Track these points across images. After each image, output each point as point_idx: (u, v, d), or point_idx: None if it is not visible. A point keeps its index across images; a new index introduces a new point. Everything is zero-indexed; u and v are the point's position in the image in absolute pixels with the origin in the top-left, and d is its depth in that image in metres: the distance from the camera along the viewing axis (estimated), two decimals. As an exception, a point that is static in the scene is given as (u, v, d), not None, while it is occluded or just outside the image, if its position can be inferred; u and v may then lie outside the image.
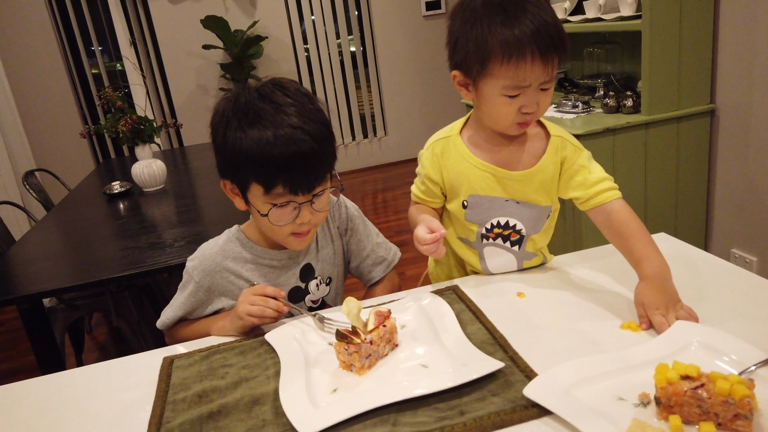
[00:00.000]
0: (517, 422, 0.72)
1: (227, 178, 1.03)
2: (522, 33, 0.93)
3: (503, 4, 0.97)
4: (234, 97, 0.98)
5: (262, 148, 0.93)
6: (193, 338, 1.07)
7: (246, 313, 0.98)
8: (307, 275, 1.14)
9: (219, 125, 0.98)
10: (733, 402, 0.63)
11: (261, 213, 0.99)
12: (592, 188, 1.04)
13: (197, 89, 4.98)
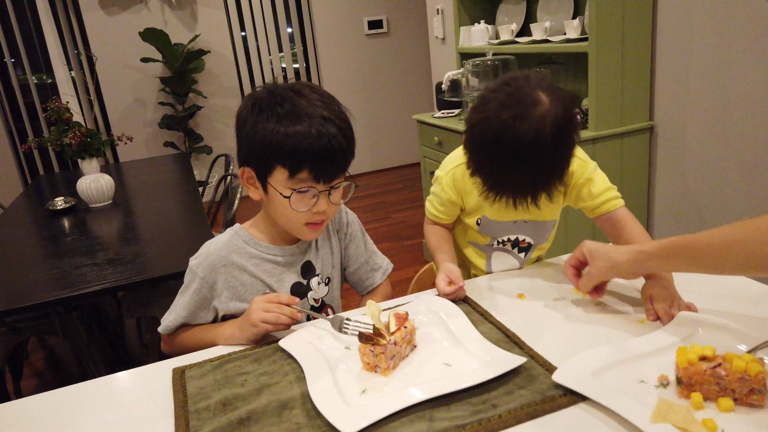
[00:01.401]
0: (549, 411, 0.76)
1: (249, 166, 1.05)
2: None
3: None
4: (268, 90, 1.03)
5: (294, 135, 0.97)
6: (195, 348, 1.05)
7: (261, 320, 0.98)
8: (308, 272, 1.15)
9: (250, 113, 1.01)
10: (748, 378, 0.70)
11: (284, 195, 1.02)
12: (597, 199, 1.13)
13: (134, 103, 4.82)
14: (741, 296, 1.01)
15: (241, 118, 1.03)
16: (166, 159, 3.72)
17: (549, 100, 0.94)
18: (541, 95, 0.95)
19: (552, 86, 0.97)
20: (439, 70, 3.85)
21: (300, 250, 1.14)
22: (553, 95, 0.95)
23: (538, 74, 1.00)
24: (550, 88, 0.97)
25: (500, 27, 2.95)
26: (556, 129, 0.93)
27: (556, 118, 0.93)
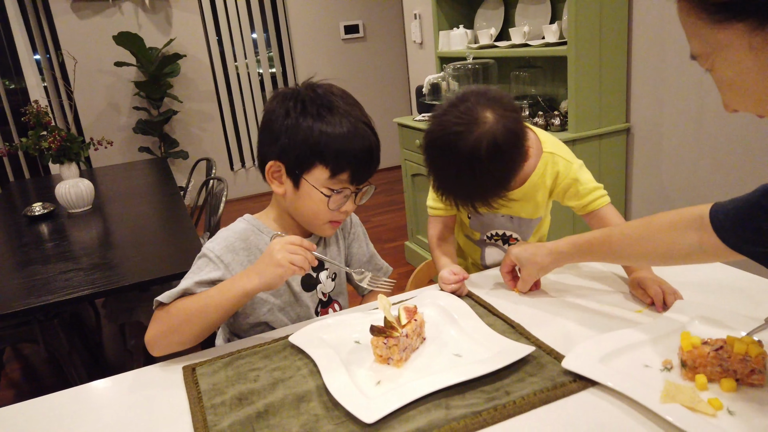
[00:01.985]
0: (560, 397, 0.79)
1: (280, 160, 1.05)
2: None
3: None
4: (307, 87, 1.05)
5: (340, 137, 1.01)
6: (195, 314, 0.96)
7: (288, 260, 0.93)
8: (318, 266, 1.17)
9: (291, 110, 1.02)
10: (749, 359, 0.74)
11: (324, 194, 1.04)
12: (584, 198, 1.19)
13: (108, 108, 4.75)
14: (718, 284, 1.06)
15: (274, 113, 1.04)
16: (143, 164, 3.68)
17: (493, 119, 1.02)
18: (486, 114, 1.03)
19: (504, 105, 1.05)
20: (417, 74, 3.89)
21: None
22: (498, 115, 1.03)
23: (493, 92, 1.08)
24: (501, 107, 1.04)
25: (479, 31, 3.00)
26: (493, 148, 1.01)
27: (494, 137, 1.01)
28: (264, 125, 1.06)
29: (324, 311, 1.18)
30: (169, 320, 0.98)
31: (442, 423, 0.75)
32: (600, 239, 0.96)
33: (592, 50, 2.37)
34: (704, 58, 0.65)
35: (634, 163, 2.57)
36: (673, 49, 2.23)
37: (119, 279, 1.72)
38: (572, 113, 2.43)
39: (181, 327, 0.97)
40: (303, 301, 1.14)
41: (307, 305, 1.15)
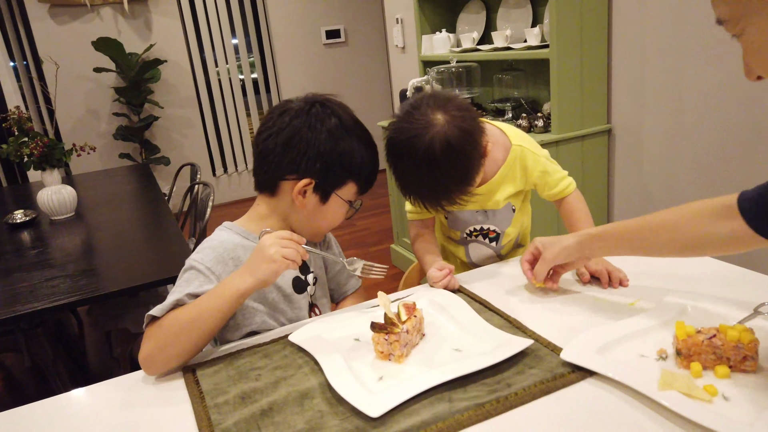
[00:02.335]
0: (560, 387, 0.80)
1: (312, 177, 1.07)
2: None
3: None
4: (335, 108, 1.11)
5: (371, 158, 1.13)
6: (190, 323, 0.94)
7: (281, 255, 0.95)
8: (305, 269, 1.18)
9: (331, 133, 1.07)
10: (742, 346, 0.76)
11: (353, 206, 1.16)
12: (554, 188, 1.27)
13: (87, 114, 4.70)
14: (708, 277, 1.09)
15: (301, 131, 1.06)
16: (125, 170, 3.65)
17: (444, 121, 1.08)
18: (438, 117, 1.08)
19: (455, 106, 1.10)
20: (400, 78, 3.92)
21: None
22: (450, 116, 1.08)
23: (444, 95, 1.13)
24: (453, 108, 1.10)
25: (461, 35, 3.04)
26: (447, 148, 1.06)
27: (446, 138, 1.06)
28: (290, 142, 1.06)
29: (310, 313, 1.19)
30: (164, 334, 0.94)
31: (446, 415, 0.76)
32: (631, 227, 0.96)
33: (574, 53, 2.41)
34: (733, 23, 0.65)
35: (615, 163, 2.62)
36: (652, 51, 2.28)
37: (105, 286, 1.70)
38: (555, 115, 2.47)
39: (178, 338, 0.94)
40: (296, 303, 1.14)
41: (300, 307, 1.15)
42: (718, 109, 2.08)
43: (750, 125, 1.99)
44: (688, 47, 2.14)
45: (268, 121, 1.10)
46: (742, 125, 2.02)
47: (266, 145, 1.08)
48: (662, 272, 1.12)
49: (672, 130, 2.29)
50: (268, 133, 1.09)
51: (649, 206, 2.48)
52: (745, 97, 1.98)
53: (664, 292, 1.01)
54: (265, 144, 1.09)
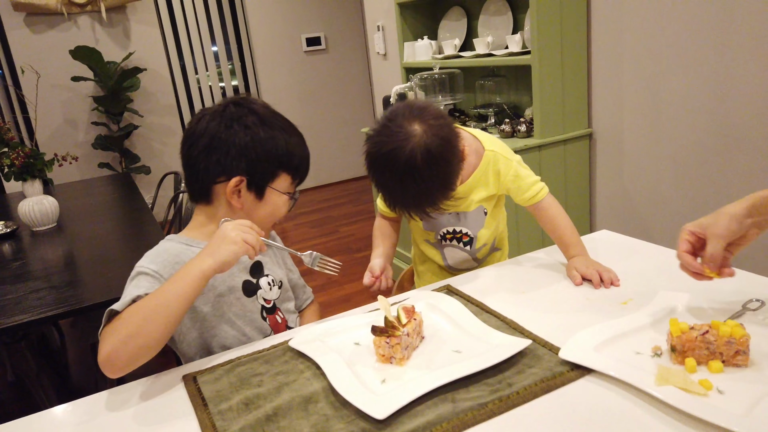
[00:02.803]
0: (560, 385, 0.82)
1: (245, 174, 1.08)
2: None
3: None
4: (250, 105, 1.09)
5: (297, 145, 1.13)
6: (157, 303, 0.91)
7: (242, 238, 0.96)
8: (257, 272, 1.18)
9: (248, 128, 1.07)
10: (734, 341, 0.79)
11: (292, 197, 1.16)
12: (526, 193, 1.29)
13: (65, 123, 4.63)
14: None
15: (221, 131, 1.06)
16: (106, 180, 3.60)
17: (422, 131, 1.09)
18: (415, 127, 1.10)
19: (431, 114, 1.13)
20: (382, 85, 3.94)
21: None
22: (427, 125, 1.10)
23: (419, 105, 1.16)
24: (429, 116, 1.12)
25: (443, 42, 3.07)
26: (428, 156, 1.08)
27: (426, 147, 1.08)
28: (210, 145, 1.06)
29: (270, 316, 1.18)
30: (126, 325, 0.89)
31: (450, 416, 0.77)
32: None
33: (555, 59, 2.46)
34: None
35: (597, 167, 2.67)
36: (631, 56, 2.33)
37: (91, 297, 1.68)
38: (537, 120, 2.51)
39: (143, 328, 0.89)
40: (246, 306, 1.14)
41: (251, 310, 1.14)
42: (694, 112, 2.14)
43: (725, 127, 2.05)
44: (664, 53, 2.20)
45: (187, 131, 1.11)
46: (717, 127, 2.07)
47: (190, 153, 1.09)
48: (651, 271, 1.15)
49: (650, 133, 2.35)
50: (189, 142, 1.09)
51: (630, 207, 2.53)
52: (719, 100, 2.04)
53: (654, 290, 1.04)
54: (188, 153, 1.09)
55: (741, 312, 0.91)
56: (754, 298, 0.95)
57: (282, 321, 1.20)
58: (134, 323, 0.89)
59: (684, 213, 2.28)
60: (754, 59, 1.90)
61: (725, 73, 2.00)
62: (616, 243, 1.35)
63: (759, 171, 1.97)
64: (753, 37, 1.88)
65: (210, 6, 4.97)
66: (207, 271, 0.94)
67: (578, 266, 1.16)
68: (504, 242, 1.47)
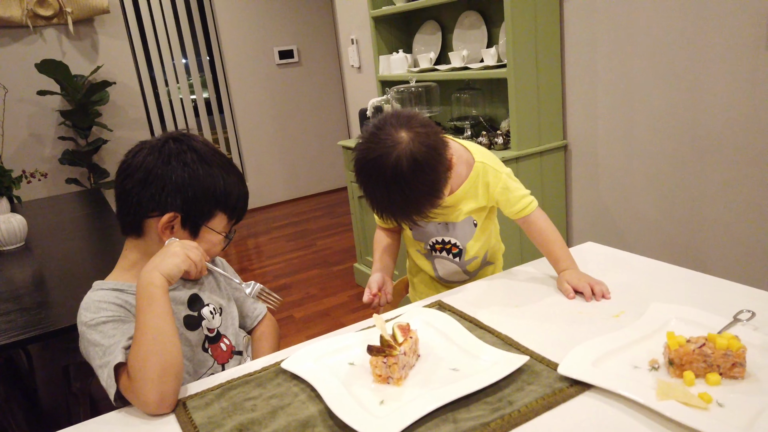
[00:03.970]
0: (561, 402, 0.82)
1: (177, 211, 1.06)
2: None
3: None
4: (190, 142, 1.09)
5: (236, 185, 1.12)
6: (153, 332, 0.92)
7: (185, 253, 0.98)
8: (196, 304, 1.15)
9: (187, 165, 1.06)
10: (731, 353, 0.80)
11: (227, 236, 1.15)
12: (515, 206, 1.29)
13: (31, 138, 4.50)
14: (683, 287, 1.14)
15: (158, 167, 1.04)
16: (74, 196, 3.51)
17: (409, 138, 1.11)
18: (402, 135, 1.11)
19: (417, 122, 1.14)
20: (356, 98, 3.94)
21: (178, 282, 1.12)
22: (414, 133, 1.11)
23: (406, 114, 1.17)
24: (416, 125, 1.13)
25: (418, 56, 3.09)
26: (413, 163, 1.09)
27: (412, 155, 1.09)
28: (146, 179, 1.04)
29: (213, 346, 1.15)
30: (148, 366, 0.90)
31: (453, 437, 0.76)
32: None
33: (530, 72, 2.49)
34: None
35: (573, 178, 2.70)
36: (604, 69, 2.38)
37: (64, 318, 1.62)
38: (514, 132, 2.54)
39: (164, 357, 0.91)
40: (190, 340, 1.11)
41: (194, 344, 1.11)
42: (666, 123, 2.19)
43: (696, 138, 2.10)
44: (636, 66, 2.24)
45: (123, 163, 1.08)
46: (688, 138, 2.12)
47: (124, 186, 1.06)
48: (641, 283, 1.16)
49: (624, 143, 2.39)
50: (124, 174, 1.07)
51: (606, 217, 2.57)
52: (690, 112, 2.09)
53: (645, 302, 1.05)
54: (122, 186, 1.07)
55: (732, 323, 0.92)
56: (745, 309, 0.96)
57: (228, 347, 1.16)
58: (155, 360, 0.90)
59: (658, 222, 2.33)
60: (724, 71, 1.95)
61: (695, 85, 2.06)
62: (603, 255, 1.36)
63: (730, 180, 2.02)
64: (722, 50, 1.94)
65: (180, 18, 4.91)
66: (161, 284, 0.96)
67: (569, 279, 1.17)
68: (497, 257, 1.47)
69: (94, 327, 0.98)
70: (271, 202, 5.45)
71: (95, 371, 0.97)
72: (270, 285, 3.56)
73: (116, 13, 4.60)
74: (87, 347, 0.99)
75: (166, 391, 0.90)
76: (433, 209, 1.18)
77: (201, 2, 4.96)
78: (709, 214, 2.14)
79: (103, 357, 0.94)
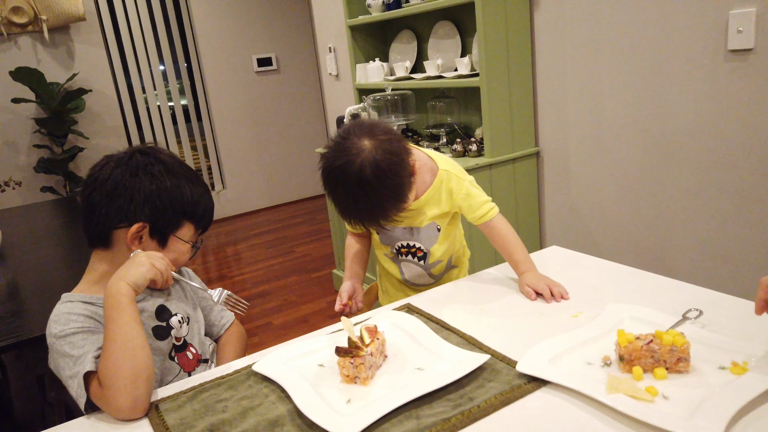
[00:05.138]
0: (519, 398, 0.86)
1: (144, 220, 1.09)
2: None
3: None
4: (156, 154, 1.13)
5: (202, 195, 1.16)
6: (121, 339, 0.94)
7: (150, 263, 1.02)
8: (163, 314, 1.16)
9: (154, 176, 1.10)
10: (676, 349, 0.85)
11: (194, 246, 1.19)
12: (477, 211, 1.34)
13: (4, 146, 4.46)
14: (634, 287, 1.20)
15: (126, 179, 1.08)
16: (49, 205, 3.48)
17: (371, 146, 1.16)
18: (365, 143, 1.16)
19: (380, 131, 1.20)
20: (334, 105, 3.98)
21: (142, 296, 1.14)
22: (376, 140, 1.17)
23: (369, 123, 1.23)
24: (379, 132, 1.19)
25: (394, 64, 3.14)
26: (376, 169, 1.15)
27: (375, 162, 1.15)
28: (114, 192, 1.07)
29: (180, 355, 1.17)
30: (119, 373, 0.92)
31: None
32: None
33: (501, 81, 2.55)
34: None
35: (545, 184, 2.77)
36: (573, 78, 2.45)
37: (38, 326, 1.62)
38: (487, 140, 2.60)
39: (135, 363, 0.93)
40: (160, 349, 1.13)
41: (164, 353, 1.14)
42: (633, 130, 2.27)
43: (660, 145, 2.17)
44: (603, 76, 2.32)
45: (89, 177, 1.11)
46: (653, 145, 2.20)
47: (91, 199, 1.09)
48: (599, 284, 1.22)
49: (593, 149, 2.46)
50: (91, 187, 1.09)
51: (577, 222, 2.64)
52: (654, 119, 2.17)
53: (602, 303, 1.10)
54: (90, 199, 1.09)
55: (681, 321, 0.97)
56: (693, 307, 1.02)
57: (194, 356, 1.19)
58: (127, 366, 0.92)
59: (627, 226, 2.40)
60: (685, 80, 2.03)
61: (659, 93, 2.13)
62: (565, 258, 1.41)
63: (692, 185, 2.09)
64: (683, 60, 2.02)
65: (157, 25, 4.91)
66: (128, 293, 0.98)
67: (530, 281, 1.22)
68: (461, 261, 1.51)
69: (63, 338, 0.99)
70: (250, 209, 5.45)
71: (64, 382, 0.98)
72: (249, 292, 3.58)
73: (92, 20, 4.59)
74: (57, 359, 1.00)
75: (138, 396, 0.92)
76: (399, 213, 1.23)
77: (178, 10, 4.97)
78: (672, 217, 2.21)
79: (73, 367, 0.96)
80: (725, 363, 0.86)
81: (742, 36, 1.87)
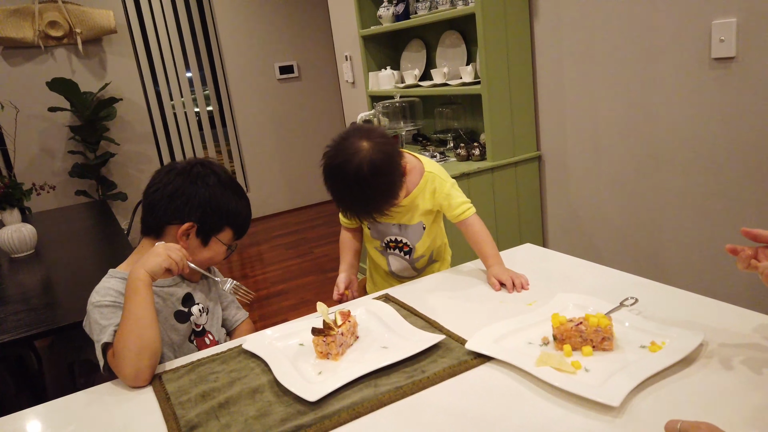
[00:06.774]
0: (464, 370, 1.00)
1: (194, 221, 1.28)
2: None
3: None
4: (212, 168, 1.33)
5: (245, 208, 1.36)
6: (135, 317, 1.10)
7: (167, 254, 1.15)
8: (188, 302, 1.35)
9: (210, 185, 1.29)
10: (601, 330, 0.97)
11: (230, 248, 1.37)
12: (455, 210, 1.49)
13: (42, 153, 4.75)
14: (579, 277, 1.33)
15: (184, 186, 1.28)
16: (82, 207, 3.72)
17: (369, 147, 1.30)
18: (363, 144, 1.30)
19: (377, 134, 1.34)
20: (351, 111, 4.14)
21: (175, 282, 1.33)
22: (373, 143, 1.31)
23: (367, 127, 1.37)
24: (375, 136, 1.33)
25: (404, 72, 3.28)
26: (372, 168, 1.28)
27: (371, 161, 1.28)
28: (175, 194, 1.27)
29: (199, 339, 1.34)
30: (129, 346, 1.07)
31: (371, 397, 0.94)
32: None
33: (502, 88, 2.67)
34: None
35: (546, 187, 2.87)
36: (571, 85, 2.56)
37: (67, 317, 1.78)
38: (489, 144, 2.72)
39: (143, 339, 1.09)
40: (179, 331, 1.31)
41: (182, 335, 1.32)
42: (627, 135, 2.36)
43: (653, 149, 2.27)
44: (600, 84, 2.42)
45: (155, 179, 1.31)
46: (647, 150, 2.29)
47: (153, 197, 1.29)
48: (557, 277, 1.34)
49: (591, 155, 2.56)
50: (155, 188, 1.29)
51: (577, 224, 2.74)
52: (646, 124, 2.26)
53: (555, 292, 1.23)
54: (152, 197, 1.29)
55: (618, 307, 1.09)
56: (630, 296, 1.13)
57: (212, 342, 1.37)
58: (134, 341, 1.09)
59: (623, 228, 2.49)
60: (673, 87, 2.13)
61: (650, 99, 2.23)
62: (534, 254, 1.55)
63: (683, 187, 2.18)
64: (672, 67, 2.11)
65: (184, 36, 5.15)
66: (145, 279, 1.13)
67: (495, 273, 1.36)
68: (442, 256, 1.65)
69: (98, 307, 1.18)
70: (272, 212, 5.65)
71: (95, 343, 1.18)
72: (268, 290, 3.76)
73: (123, 32, 4.85)
74: (90, 323, 1.20)
75: (141, 368, 1.08)
76: (391, 209, 1.38)
77: (204, 21, 5.21)
78: (663, 218, 2.30)
79: (100, 334, 1.15)
80: (645, 343, 0.98)
81: (725, 45, 1.96)
